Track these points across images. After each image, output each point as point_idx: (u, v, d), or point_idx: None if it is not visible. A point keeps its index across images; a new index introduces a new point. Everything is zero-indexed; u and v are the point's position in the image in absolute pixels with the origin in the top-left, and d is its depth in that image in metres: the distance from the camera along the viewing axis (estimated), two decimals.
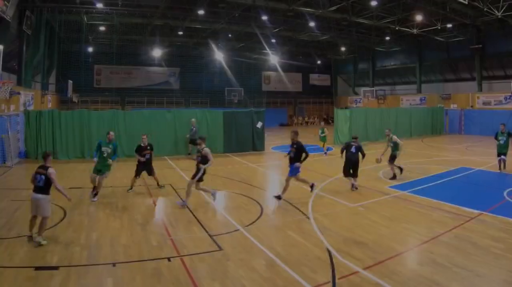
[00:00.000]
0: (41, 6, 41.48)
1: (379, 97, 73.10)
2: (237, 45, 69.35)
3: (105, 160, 19.35)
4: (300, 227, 15.16)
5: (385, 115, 48.96)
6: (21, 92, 35.99)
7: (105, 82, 70.96)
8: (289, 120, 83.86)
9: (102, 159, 19.34)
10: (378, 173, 26.09)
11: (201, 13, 48.15)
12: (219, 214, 17.38)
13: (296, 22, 53.78)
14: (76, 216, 16.49)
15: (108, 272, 11.16)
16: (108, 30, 58.84)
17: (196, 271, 11.29)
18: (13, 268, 11.23)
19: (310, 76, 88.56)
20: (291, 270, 11.26)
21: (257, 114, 38.08)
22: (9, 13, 31.12)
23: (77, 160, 31.93)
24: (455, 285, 10.32)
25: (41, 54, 45.43)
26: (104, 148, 19.40)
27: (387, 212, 17.06)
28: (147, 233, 14.53)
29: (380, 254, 12.34)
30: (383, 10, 47.76)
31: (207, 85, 76.59)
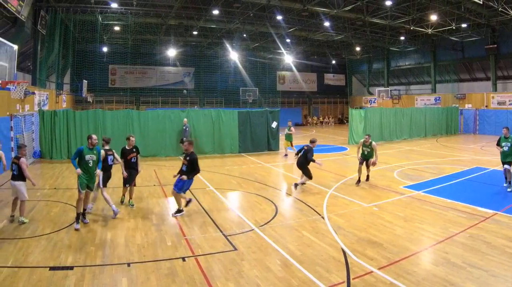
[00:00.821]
0: (55, 6, 41.63)
1: (393, 97, 72.75)
2: (252, 45, 69.09)
3: (92, 170, 15.51)
4: (314, 227, 15.16)
5: (399, 115, 48.61)
6: (35, 92, 35.80)
7: (120, 82, 71.05)
8: (303, 120, 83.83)
9: (88, 169, 15.40)
10: (393, 173, 25.97)
11: (216, 13, 48.22)
12: (233, 214, 17.25)
13: (311, 22, 53.58)
14: (90, 216, 16.45)
15: (122, 272, 11.20)
16: (122, 30, 58.90)
17: (211, 271, 11.30)
18: (28, 267, 11.28)
19: (325, 76, 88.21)
20: (305, 270, 11.28)
21: (271, 114, 37.96)
22: (23, 13, 31.29)
23: None
24: (470, 285, 10.28)
25: (55, 54, 45.42)
26: (89, 156, 15.41)
27: (401, 212, 17.01)
28: (161, 233, 14.53)
29: (394, 254, 12.33)
30: (397, 10, 47.45)
31: (222, 85, 76.55)
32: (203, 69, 74.20)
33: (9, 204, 17.18)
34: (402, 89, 75.12)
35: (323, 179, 24.27)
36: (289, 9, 48.26)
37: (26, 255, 12.11)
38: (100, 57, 64.89)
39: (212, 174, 26.21)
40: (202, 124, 34.94)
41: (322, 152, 36.51)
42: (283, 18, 50.63)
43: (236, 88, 74.74)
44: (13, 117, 27.78)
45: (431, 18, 47.87)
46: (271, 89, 79.63)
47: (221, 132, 35.16)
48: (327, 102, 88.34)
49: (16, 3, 29.16)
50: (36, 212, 17.01)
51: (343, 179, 24.45)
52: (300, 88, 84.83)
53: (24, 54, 40.18)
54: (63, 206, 18.06)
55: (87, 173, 15.37)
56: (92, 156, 15.52)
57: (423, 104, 67.80)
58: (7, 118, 27.12)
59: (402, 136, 48.21)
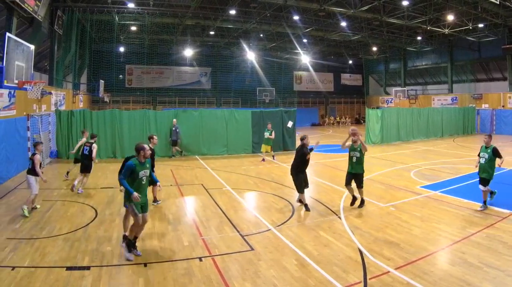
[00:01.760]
0: (72, 6, 41.78)
1: (410, 97, 72.75)
2: (269, 45, 68.93)
3: (145, 188, 12.79)
4: (331, 227, 15.14)
5: (416, 115, 48.45)
6: (52, 92, 36.13)
7: (137, 82, 71.27)
8: (320, 120, 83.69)
9: (141, 188, 12.49)
10: (410, 173, 25.85)
11: (233, 13, 48.23)
12: (250, 214, 17.25)
13: (328, 22, 53.54)
14: (107, 215, 16.62)
15: (139, 272, 11.23)
16: (139, 30, 59.17)
17: (228, 271, 11.31)
18: (45, 267, 11.33)
19: (342, 76, 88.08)
20: (322, 270, 11.27)
21: (287, 113, 37.86)
22: (40, 13, 31.41)
23: (108, 159, 32.02)
24: (487, 285, 10.24)
25: (72, 54, 45.60)
26: (142, 172, 12.46)
27: (418, 212, 16.95)
28: (178, 233, 14.56)
29: (411, 254, 12.29)
30: (414, 10, 47.38)
31: (239, 85, 76.55)
32: (220, 69, 74.55)
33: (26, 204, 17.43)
34: (419, 89, 75.01)
35: (340, 178, 23.42)
36: (306, 9, 48.35)
37: (43, 255, 12.14)
38: (117, 57, 65.18)
39: (229, 173, 26.21)
40: (215, 124, 34.94)
41: (338, 152, 36.49)
42: (300, 18, 50.71)
43: (252, 88, 75.17)
44: (30, 117, 27.88)
45: (448, 18, 47.66)
46: (288, 89, 79.97)
47: (234, 132, 35.18)
48: (344, 102, 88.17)
49: (33, 3, 29.29)
50: (53, 212, 17.07)
51: None
52: (317, 88, 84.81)
53: (41, 54, 40.31)
54: (80, 206, 18.12)
55: (143, 191, 12.54)
56: (146, 171, 12.62)
57: (440, 104, 67.59)
58: (24, 118, 27.25)
59: (419, 137, 47.98)
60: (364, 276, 10.81)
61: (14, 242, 13.35)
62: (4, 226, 15.02)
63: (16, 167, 25.30)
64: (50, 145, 32.22)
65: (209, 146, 34.67)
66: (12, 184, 22.86)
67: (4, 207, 17.86)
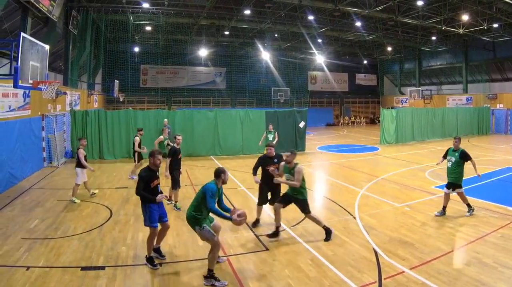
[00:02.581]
0: (87, 6, 41.97)
1: (425, 97, 72.46)
2: (283, 45, 68.93)
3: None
4: (346, 227, 15.15)
5: (431, 115, 48.45)
6: (67, 92, 36.28)
7: (151, 82, 71.29)
8: (335, 120, 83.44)
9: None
10: (425, 173, 25.80)
11: (247, 13, 48.15)
12: (265, 214, 17.00)
13: (342, 22, 53.37)
14: (122, 216, 16.68)
15: (154, 272, 11.27)
16: (154, 30, 59.25)
17: (242, 271, 11.36)
18: (59, 268, 11.38)
19: (356, 76, 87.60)
20: (337, 270, 11.29)
21: (299, 114, 37.71)
22: (55, 13, 31.53)
23: (123, 159, 32.18)
24: (501, 285, 10.24)
25: (87, 54, 45.81)
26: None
27: (433, 212, 16.87)
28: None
29: (426, 254, 12.28)
30: (429, 10, 47.14)
31: (253, 85, 76.53)
32: (235, 69, 74.55)
33: (41, 204, 18.01)
34: (434, 89, 74.65)
35: (355, 178, 24.29)
36: (321, 9, 48.29)
37: (58, 255, 12.20)
38: (132, 57, 65.48)
39: (243, 173, 26.17)
40: (229, 124, 34.94)
41: (354, 152, 36.76)
42: (315, 18, 50.52)
43: (267, 88, 74.91)
44: (45, 117, 28.13)
45: (463, 18, 47.43)
46: (302, 89, 79.51)
47: (249, 132, 35.09)
48: (359, 102, 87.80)
49: (47, 3, 29.38)
50: (68, 212, 17.16)
51: (375, 178, 24.37)
52: (331, 88, 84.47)
53: (55, 54, 40.53)
54: (94, 206, 18.19)
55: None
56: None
57: (454, 104, 67.11)
58: (39, 118, 27.44)
59: (434, 137, 47.91)
60: (379, 276, 10.84)
61: (29, 242, 13.41)
62: (19, 226, 15.10)
63: (31, 166, 25.49)
64: (65, 145, 32.37)
65: (224, 145, 34.71)
66: (27, 184, 22.95)
67: (19, 207, 17.96)
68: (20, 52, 16.15)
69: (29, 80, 17.46)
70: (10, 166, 21.78)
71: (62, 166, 29.06)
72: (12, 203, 18.73)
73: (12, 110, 23.10)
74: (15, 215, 16.68)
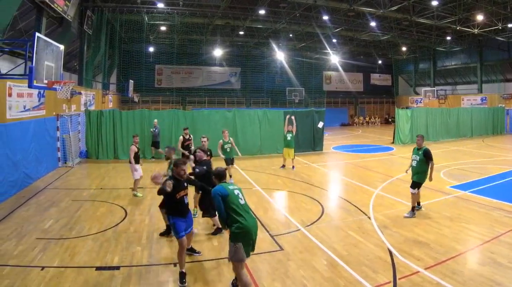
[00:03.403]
0: (102, 6, 42.19)
1: (440, 97, 72.20)
2: (298, 45, 68.86)
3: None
4: (361, 227, 15.13)
5: (445, 115, 48.37)
6: (82, 92, 36.34)
7: (166, 82, 71.39)
8: (350, 120, 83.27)
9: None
10: (439, 173, 25.51)
11: (262, 13, 48.23)
12: (280, 214, 17.24)
13: (357, 22, 53.44)
14: (137, 215, 16.71)
15: (169, 272, 11.29)
16: (169, 30, 59.25)
17: (257, 271, 11.35)
18: (74, 268, 11.42)
19: (371, 76, 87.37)
20: (352, 270, 11.27)
21: (318, 114, 37.68)
22: (70, 13, 31.73)
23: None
24: None
25: (102, 54, 46.05)
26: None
27: (447, 212, 16.87)
28: (207, 232, 14.57)
29: (441, 254, 12.25)
30: (444, 10, 47.02)
31: (268, 85, 76.57)
32: (250, 69, 74.56)
33: (56, 204, 18.07)
34: (448, 89, 74.29)
35: (370, 178, 24.30)
36: (336, 9, 48.30)
37: (73, 255, 12.23)
38: (146, 57, 65.86)
39: (258, 173, 26.27)
40: (248, 124, 34.94)
41: (368, 152, 36.79)
42: (329, 18, 50.45)
43: (282, 88, 74.80)
44: (60, 117, 28.26)
45: (477, 18, 47.27)
46: (317, 89, 79.47)
47: (267, 132, 35.05)
48: (373, 102, 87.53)
49: (62, 3, 29.55)
50: (83, 212, 17.20)
51: (390, 178, 24.32)
52: (346, 88, 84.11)
53: (70, 54, 40.72)
54: (109, 206, 18.25)
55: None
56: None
57: (469, 104, 66.84)
58: (54, 118, 27.57)
59: (448, 137, 47.80)
60: (394, 276, 10.82)
61: (44, 242, 13.45)
62: (33, 226, 15.14)
63: (46, 166, 25.60)
64: (80, 145, 32.49)
65: (243, 146, 33.85)
66: (42, 184, 23.03)
67: (33, 207, 18.02)
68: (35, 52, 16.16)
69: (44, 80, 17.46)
70: (25, 166, 21.88)
71: (76, 166, 29.13)
72: (27, 203, 18.79)
73: (27, 110, 23.23)
74: (30, 215, 16.73)
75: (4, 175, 19.01)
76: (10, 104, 20.88)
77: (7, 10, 21.25)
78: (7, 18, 21.70)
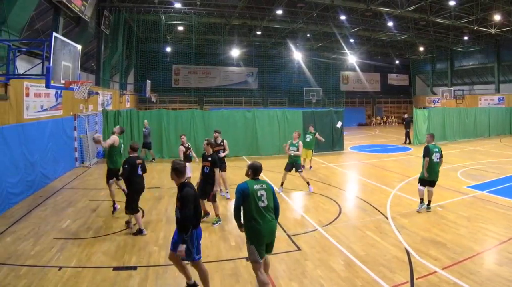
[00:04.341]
0: (119, 6, 42.38)
1: (457, 97, 71.92)
2: (316, 45, 68.79)
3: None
4: (378, 227, 15.14)
5: (463, 115, 48.07)
6: (99, 92, 36.61)
7: (184, 82, 71.71)
8: (367, 120, 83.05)
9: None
10: (457, 173, 25.63)
11: (280, 13, 48.38)
12: (297, 214, 17.29)
13: (374, 22, 53.42)
14: (154, 215, 16.79)
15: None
16: (186, 30, 59.50)
17: (275, 271, 11.31)
18: (91, 267, 11.48)
19: (388, 76, 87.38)
20: (369, 270, 11.28)
21: (336, 114, 37.76)
22: (87, 13, 31.97)
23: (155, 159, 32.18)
24: None
25: (119, 54, 46.16)
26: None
27: (465, 212, 16.82)
28: (225, 233, 14.62)
29: (458, 254, 12.22)
30: (461, 10, 46.97)
31: (286, 85, 76.72)
32: (267, 69, 74.74)
33: (73, 204, 18.30)
34: (466, 89, 73.93)
35: (387, 178, 24.28)
36: (353, 9, 48.39)
37: (90, 255, 12.28)
38: (164, 57, 65.92)
39: (275, 174, 25.96)
40: (267, 124, 34.90)
41: (386, 152, 36.71)
42: (347, 18, 50.54)
43: (299, 88, 75.02)
44: (77, 117, 28.42)
45: (495, 18, 47.13)
46: (334, 89, 79.49)
47: (286, 132, 34.60)
48: (391, 102, 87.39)
49: (79, 3, 29.76)
50: (100, 212, 17.31)
51: (407, 179, 24.25)
52: (363, 88, 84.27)
53: (87, 54, 40.99)
54: None
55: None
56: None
57: (486, 104, 66.61)
58: (71, 118, 27.75)
59: (466, 136, 47.51)
60: (411, 276, 10.80)
61: (61, 242, 13.55)
62: (51, 226, 15.24)
63: (63, 167, 25.74)
64: (97, 145, 32.01)
65: (262, 146, 34.62)
66: (59, 184, 23.15)
67: (51, 207, 18.12)
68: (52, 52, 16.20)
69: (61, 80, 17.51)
70: (42, 166, 22.01)
71: (94, 166, 29.24)
72: (44, 203, 18.89)
73: (44, 110, 23.39)
74: (47, 215, 16.84)
75: (21, 175, 19.15)
76: (27, 104, 20.99)
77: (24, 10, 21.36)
78: (24, 18, 21.82)
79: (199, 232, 9.87)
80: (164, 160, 31.10)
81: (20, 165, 19.02)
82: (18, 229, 14.81)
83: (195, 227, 9.67)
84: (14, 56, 18.11)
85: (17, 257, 12.14)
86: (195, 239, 9.67)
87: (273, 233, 9.92)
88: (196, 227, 9.69)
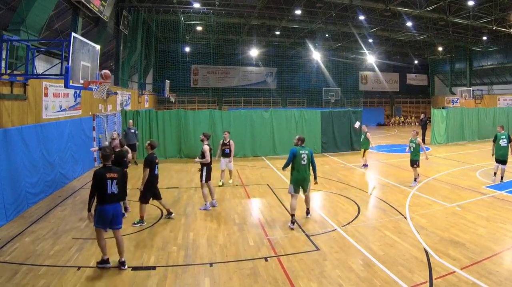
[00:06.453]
0: (138, 6, 42.69)
1: (476, 97, 71.46)
2: (334, 45, 68.47)
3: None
4: (397, 227, 15.08)
5: (482, 115, 47.85)
6: (118, 92, 36.78)
7: (202, 82, 72.16)
8: (386, 120, 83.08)
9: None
10: (475, 173, 25.61)
11: (298, 13, 48.43)
12: (316, 214, 17.17)
13: (393, 22, 53.30)
14: (173, 215, 16.68)
15: (205, 272, 11.30)
16: (205, 30, 59.69)
17: (293, 271, 11.31)
18: (110, 268, 11.50)
19: (407, 76, 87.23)
20: (388, 270, 11.24)
21: (354, 114, 37.73)
22: (106, 13, 32.14)
23: (173, 159, 32.26)
24: None
25: (138, 54, 46.49)
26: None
27: (484, 212, 16.71)
28: (244, 233, 14.60)
29: (477, 254, 12.15)
30: (480, 10, 46.67)
31: (304, 85, 77.07)
32: (285, 69, 75.03)
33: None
34: (485, 89, 73.55)
35: (406, 178, 24.08)
36: (371, 9, 48.44)
37: (109, 255, 12.10)
38: (183, 57, 66.13)
39: None
40: (284, 124, 34.78)
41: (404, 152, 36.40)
42: (365, 18, 50.60)
43: (318, 88, 75.14)
44: (96, 117, 28.39)
45: None
46: (353, 89, 79.57)
47: (304, 132, 34.08)
48: (409, 102, 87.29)
49: (98, 3, 29.93)
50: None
51: (426, 178, 24.17)
52: (382, 88, 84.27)
53: (106, 54, 41.18)
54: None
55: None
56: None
57: (505, 104, 66.02)
58: (90, 118, 27.78)
59: (485, 136, 46.72)
60: (430, 276, 10.74)
61: (80, 242, 13.61)
62: (70, 226, 15.31)
63: (82, 166, 25.79)
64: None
65: (279, 146, 34.37)
66: (78, 183, 23.27)
67: (70, 207, 18.21)
68: (71, 52, 16.23)
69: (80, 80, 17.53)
70: (61, 166, 22.12)
71: None
72: (63, 202, 19.01)
73: (63, 110, 23.49)
74: (66, 214, 16.92)
75: (40, 175, 19.24)
76: (46, 104, 21.08)
77: (43, 10, 21.45)
78: (43, 18, 21.91)
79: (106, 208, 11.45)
80: (182, 160, 31.14)
81: (39, 165, 19.11)
82: (37, 229, 14.87)
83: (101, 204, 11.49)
84: (33, 56, 18.15)
85: (36, 257, 12.18)
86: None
87: (305, 180, 15.55)
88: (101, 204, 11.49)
